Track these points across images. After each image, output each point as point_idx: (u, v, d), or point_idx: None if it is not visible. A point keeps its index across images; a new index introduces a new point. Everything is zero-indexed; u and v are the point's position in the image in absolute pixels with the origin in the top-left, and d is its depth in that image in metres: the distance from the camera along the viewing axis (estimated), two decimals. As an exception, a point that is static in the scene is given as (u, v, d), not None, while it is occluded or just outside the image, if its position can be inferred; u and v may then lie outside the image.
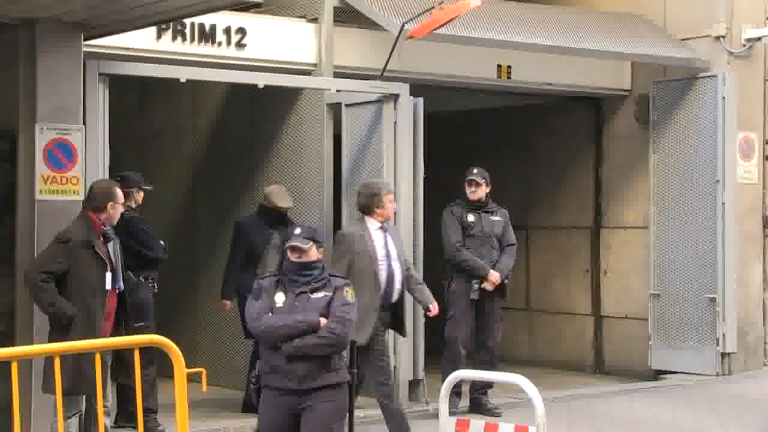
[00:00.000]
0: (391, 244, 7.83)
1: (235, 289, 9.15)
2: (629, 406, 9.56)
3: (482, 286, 9.15)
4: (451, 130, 13.34)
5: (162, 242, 8.60)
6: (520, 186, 12.79)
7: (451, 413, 8.35)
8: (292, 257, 5.69)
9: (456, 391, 9.08)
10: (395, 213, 8.39)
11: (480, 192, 9.29)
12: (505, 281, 9.31)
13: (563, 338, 12.58)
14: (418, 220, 9.47)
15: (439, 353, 9.33)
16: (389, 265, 7.79)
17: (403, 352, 9.25)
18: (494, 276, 9.15)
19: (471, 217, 9.27)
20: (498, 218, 9.36)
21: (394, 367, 9.18)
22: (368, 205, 7.85)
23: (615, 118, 12.13)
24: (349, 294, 5.70)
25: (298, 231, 5.76)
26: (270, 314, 5.62)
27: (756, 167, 11.46)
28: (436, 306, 8.16)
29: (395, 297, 7.88)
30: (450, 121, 13.18)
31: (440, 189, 10.27)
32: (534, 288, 12.90)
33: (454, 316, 9.23)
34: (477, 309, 9.25)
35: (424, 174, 9.53)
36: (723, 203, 10.94)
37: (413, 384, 9.37)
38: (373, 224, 7.81)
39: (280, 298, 5.67)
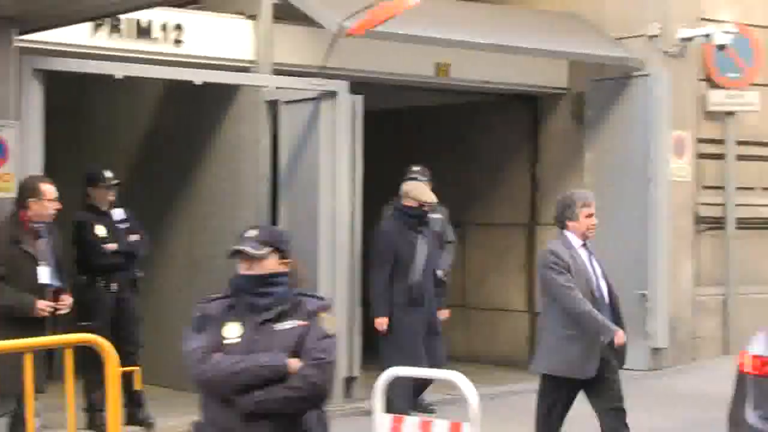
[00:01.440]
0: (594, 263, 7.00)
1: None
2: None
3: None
4: (390, 128, 13.38)
5: (134, 238, 8.51)
6: (457, 183, 12.86)
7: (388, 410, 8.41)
8: (241, 268, 4.17)
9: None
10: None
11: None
12: (444, 278, 9.38)
13: (499, 335, 12.69)
14: (356, 219, 9.49)
15: (374, 349, 9.35)
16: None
17: (339, 349, 9.26)
18: (437, 273, 9.23)
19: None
20: (438, 216, 9.42)
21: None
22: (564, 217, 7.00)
23: (551, 116, 12.26)
24: (327, 322, 4.16)
25: (251, 232, 4.21)
26: (220, 354, 4.08)
27: (688, 165, 11.63)
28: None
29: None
30: (389, 118, 13.21)
31: (381, 186, 10.30)
32: (470, 285, 12.98)
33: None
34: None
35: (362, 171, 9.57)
36: (656, 201, 11.10)
37: (349, 381, 9.41)
38: (575, 240, 6.97)
39: (233, 331, 4.12)
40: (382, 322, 8.29)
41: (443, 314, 9.29)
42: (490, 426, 8.45)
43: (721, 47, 11.31)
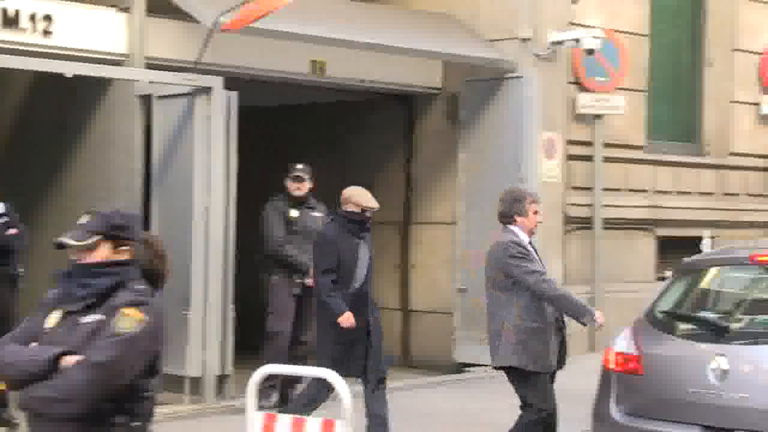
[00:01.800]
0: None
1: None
2: (433, 399, 9.78)
3: (304, 281, 9.19)
4: (266, 126, 13.33)
5: (11, 232, 8.29)
6: (332, 181, 12.81)
7: (261, 407, 8.38)
8: (74, 256, 3.90)
9: (271, 384, 9.12)
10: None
11: (304, 188, 9.37)
12: None
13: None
14: (230, 216, 9.44)
15: (249, 348, 9.34)
16: None
17: (212, 347, 9.22)
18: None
19: (294, 213, 9.32)
20: (319, 214, 9.44)
21: (204, 361, 9.17)
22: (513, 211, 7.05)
23: (426, 115, 12.38)
24: (123, 321, 3.69)
25: (82, 219, 3.94)
26: (17, 343, 3.80)
27: (558, 167, 11.89)
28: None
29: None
30: (265, 116, 13.16)
31: (255, 184, 10.27)
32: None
33: (277, 310, 9.26)
34: (296, 304, 9.31)
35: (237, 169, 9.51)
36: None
37: (221, 379, 9.35)
38: (523, 236, 7.02)
39: (51, 320, 3.84)
40: (348, 317, 7.81)
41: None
42: (363, 423, 8.53)
43: (590, 51, 11.58)
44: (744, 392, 5.51)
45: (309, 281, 9.21)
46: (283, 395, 9.36)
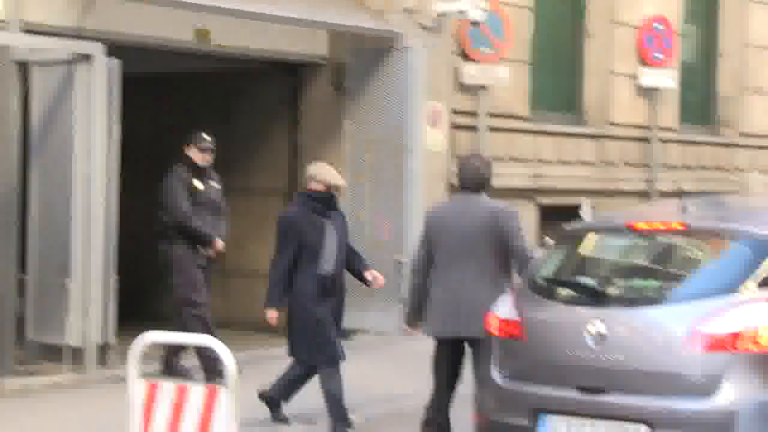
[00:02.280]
0: None
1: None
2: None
3: (208, 253, 9.17)
4: (150, 94, 13.13)
5: None
6: (218, 150, 12.76)
7: (145, 376, 8.33)
8: None
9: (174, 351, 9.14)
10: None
11: (210, 159, 9.28)
12: (222, 250, 9.39)
13: (257, 300, 12.66)
14: (113, 185, 9.29)
15: (132, 316, 9.25)
16: None
17: (93, 316, 9.09)
18: (220, 244, 9.19)
19: (198, 184, 9.21)
20: (217, 185, 9.38)
21: (84, 331, 9.05)
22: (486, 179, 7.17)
23: (312, 85, 12.34)
24: None
25: None
26: None
27: (443, 136, 11.99)
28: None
29: None
30: (149, 84, 12.97)
31: (140, 153, 10.13)
32: (230, 251, 12.89)
33: (188, 281, 9.14)
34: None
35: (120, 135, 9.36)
36: (411, 170, 11.39)
37: (103, 348, 9.23)
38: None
39: None
40: (272, 316, 7.66)
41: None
42: (247, 390, 8.51)
43: (475, 23, 11.68)
44: (620, 355, 5.66)
45: (212, 253, 9.16)
46: (167, 362, 9.29)
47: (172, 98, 13.13)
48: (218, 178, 9.43)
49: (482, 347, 6.36)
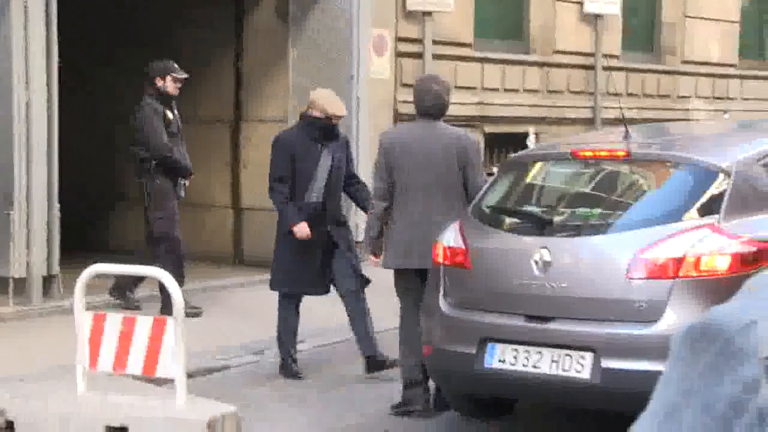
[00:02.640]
0: None
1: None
2: (267, 295, 9.83)
3: (186, 184, 9.20)
4: (87, 19, 12.90)
5: None
6: (160, 78, 12.62)
7: (90, 307, 8.32)
8: None
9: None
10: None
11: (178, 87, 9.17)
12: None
13: (204, 231, 12.68)
14: (53, 111, 9.15)
15: (81, 249, 9.17)
16: None
17: (37, 247, 9.00)
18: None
19: (170, 114, 9.08)
20: (177, 113, 9.27)
21: (28, 262, 8.97)
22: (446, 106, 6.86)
23: (256, 12, 12.19)
24: None
25: None
26: None
27: (388, 64, 11.94)
28: None
29: None
30: (88, 7, 12.73)
31: (81, 78, 9.96)
32: (175, 181, 12.86)
33: (167, 215, 9.06)
34: None
35: (60, 62, 9.19)
36: (357, 98, 11.35)
37: (47, 280, 9.17)
38: None
39: None
40: (302, 227, 7.32)
41: None
42: (194, 320, 8.54)
43: (420, -52, 11.58)
44: (564, 282, 5.73)
45: (187, 182, 9.20)
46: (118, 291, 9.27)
47: (111, 24, 12.91)
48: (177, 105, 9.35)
49: (430, 276, 6.38)
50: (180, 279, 8.87)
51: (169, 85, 9.05)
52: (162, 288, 8.85)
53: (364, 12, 11.34)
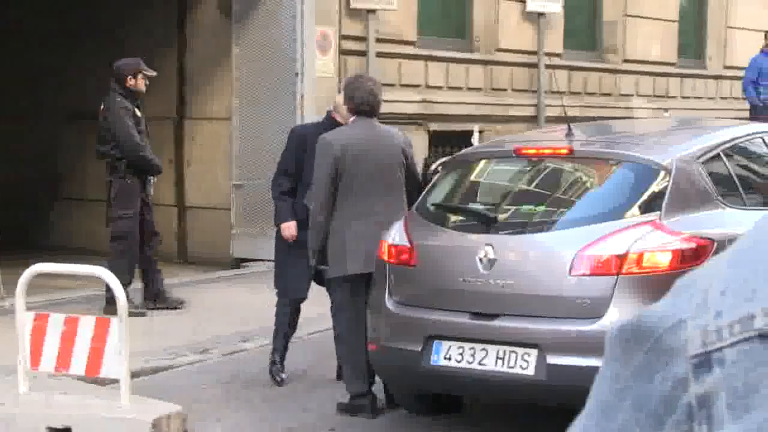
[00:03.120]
0: None
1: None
2: (212, 293, 9.81)
3: (153, 181, 9.14)
4: (29, 14, 12.76)
5: None
6: (101, 74, 12.50)
7: (31, 307, 8.26)
8: None
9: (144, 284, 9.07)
10: None
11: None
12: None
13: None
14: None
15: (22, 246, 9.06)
16: None
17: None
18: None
19: (138, 112, 9.02)
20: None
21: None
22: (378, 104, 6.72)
23: (198, 8, 12.13)
24: None
25: None
26: None
27: (332, 62, 11.92)
28: None
29: None
30: (27, 3, 12.60)
31: (19, 75, 9.85)
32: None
33: (133, 213, 8.99)
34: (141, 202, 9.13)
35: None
36: (302, 96, 11.32)
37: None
38: None
39: None
40: (289, 226, 7.06)
41: None
42: (139, 319, 8.48)
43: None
44: (510, 279, 5.77)
45: (154, 180, 9.16)
46: (153, 292, 9.25)
47: (53, 19, 12.77)
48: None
49: (375, 274, 6.39)
50: (130, 277, 8.85)
51: (140, 83, 9.00)
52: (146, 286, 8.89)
53: (308, 9, 11.32)
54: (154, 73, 9.07)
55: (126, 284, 8.87)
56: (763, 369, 0.83)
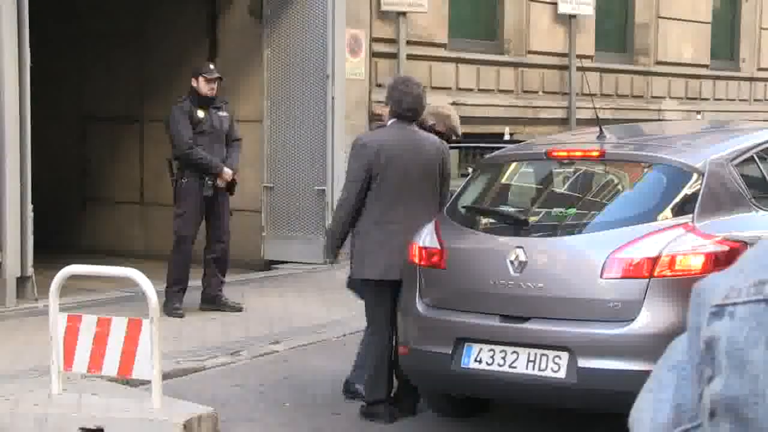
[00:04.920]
0: None
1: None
2: (242, 295, 9.83)
3: (216, 183, 9.04)
4: (60, 18, 12.84)
5: None
6: (134, 77, 12.59)
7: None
8: None
9: (181, 288, 9.05)
10: None
11: (215, 87, 9.14)
12: (235, 177, 9.27)
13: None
14: (25, 112, 9.10)
15: (52, 247, 9.12)
16: None
17: (10, 248, 8.95)
18: (227, 173, 9.09)
19: (201, 114, 9.09)
20: (225, 113, 9.27)
21: (1, 265, 8.91)
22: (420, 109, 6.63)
23: (230, 11, 12.17)
24: None
25: None
26: None
27: (363, 64, 11.94)
28: None
29: None
30: (62, 6, 12.68)
31: (53, 78, 9.92)
32: (148, 182, 12.82)
33: (185, 213, 9.07)
34: (207, 205, 9.13)
35: (31, 63, 9.15)
36: (333, 98, 11.34)
37: (21, 281, 9.12)
38: None
39: None
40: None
41: None
42: (170, 321, 8.52)
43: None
44: (540, 282, 5.74)
45: (220, 183, 9.06)
46: (209, 296, 9.30)
47: (86, 22, 12.85)
48: (228, 106, 9.35)
49: (405, 277, 6.38)
50: (180, 279, 8.90)
51: (201, 86, 9.12)
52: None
53: (339, 12, 11.34)
54: (216, 76, 9.17)
55: (174, 282, 8.97)
56: (764, 331, 0.95)
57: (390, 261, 6.43)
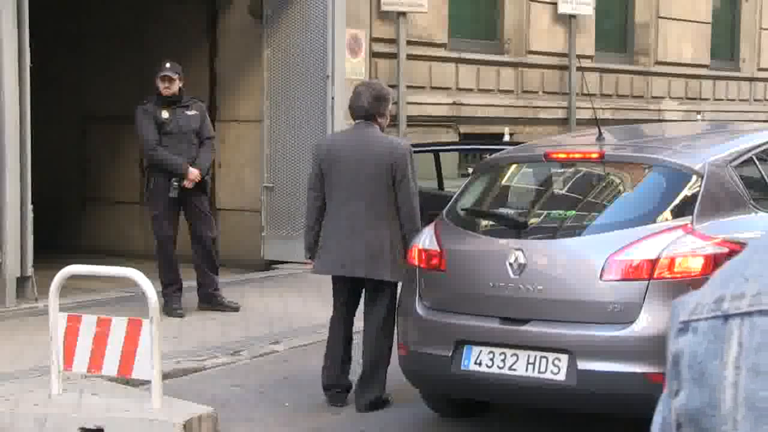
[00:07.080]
0: None
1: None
2: (242, 296, 9.84)
3: (182, 183, 8.96)
4: (60, 18, 12.85)
5: None
6: (133, 77, 12.58)
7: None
8: None
9: (178, 288, 9.06)
10: None
11: (174, 87, 9.10)
12: (206, 177, 9.21)
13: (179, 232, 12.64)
14: (25, 113, 9.11)
15: (52, 247, 9.13)
16: None
17: (10, 248, 8.96)
18: (193, 173, 9.01)
19: (165, 114, 9.05)
20: (194, 112, 9.21)
21: (1, 264, 8.92)
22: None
23: (229, 11, 12.18)
24: None
25: None
26: None
27: (363, 64, 11.95)
28: None
29: None
30: (57, 6, 12.68)
31: (53, 78, 9.92)
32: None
33: (158, 214, 9.05)
34: (182, 206, 9.11)
35: (31, 63, 9.15)
36: (333, 98, 11.35)
37: (21, 281, 9.13)
38: None
39: None
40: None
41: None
42: (170, 322, 8.53)
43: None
44: (540, 284, 5.75)
45: (187, 183, 8.96)
46: (204, 294, 9.30)
47: (85, 23, 12.85)
48: (199, 105, 9.29)
49: (405, 278, 6.39)
50: (172, 280, 8.90)
51: (159, 85, 9.09)
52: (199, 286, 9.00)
53: (339, 12, 11.34)
54: (163, 73, 9.07)
55: (167, 283, 8.97)
56: (721, 344, 1.00)
57: (335, 258, 6.60)
